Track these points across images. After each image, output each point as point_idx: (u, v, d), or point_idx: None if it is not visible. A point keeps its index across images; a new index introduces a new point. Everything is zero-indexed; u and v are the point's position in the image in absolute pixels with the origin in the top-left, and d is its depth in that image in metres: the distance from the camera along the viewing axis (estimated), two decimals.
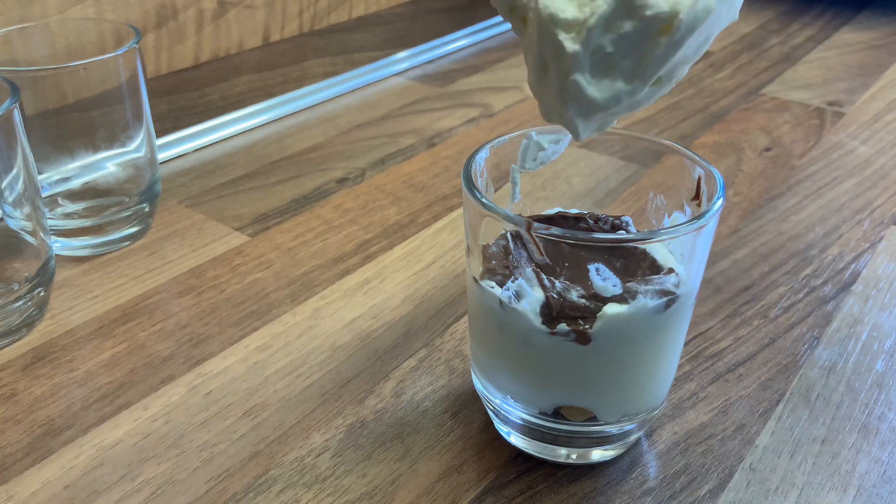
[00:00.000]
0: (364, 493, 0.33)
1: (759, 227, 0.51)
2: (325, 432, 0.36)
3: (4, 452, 0.35)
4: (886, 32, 0.87)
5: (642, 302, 0.29)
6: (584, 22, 0.25)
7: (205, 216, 0.52)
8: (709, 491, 0.33)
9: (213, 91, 0.71)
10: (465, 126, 0.65)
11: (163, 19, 0.73)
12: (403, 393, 0.38)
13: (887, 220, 0.52)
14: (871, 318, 0.43)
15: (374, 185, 0.56)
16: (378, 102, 0.70)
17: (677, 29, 0.25)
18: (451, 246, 0.49)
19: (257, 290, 0.45)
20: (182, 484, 0.33)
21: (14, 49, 0.47)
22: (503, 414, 0.34)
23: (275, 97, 0.69)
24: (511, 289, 0.30)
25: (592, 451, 0.34)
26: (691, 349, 0.40)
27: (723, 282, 0.45)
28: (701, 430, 0.36)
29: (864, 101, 0.70)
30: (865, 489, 0.33)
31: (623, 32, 0.25)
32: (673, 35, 0.25)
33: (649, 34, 0.25)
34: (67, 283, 0.45)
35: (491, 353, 0.33)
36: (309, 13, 0.86)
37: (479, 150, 0.33)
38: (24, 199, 0.40)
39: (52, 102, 0.45)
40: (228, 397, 0.38)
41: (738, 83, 0.74)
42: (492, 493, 0.33)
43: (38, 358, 0.40)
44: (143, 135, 0.48)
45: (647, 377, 0.32)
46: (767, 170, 0.58)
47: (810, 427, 0.36)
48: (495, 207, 0.29)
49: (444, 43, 0.82)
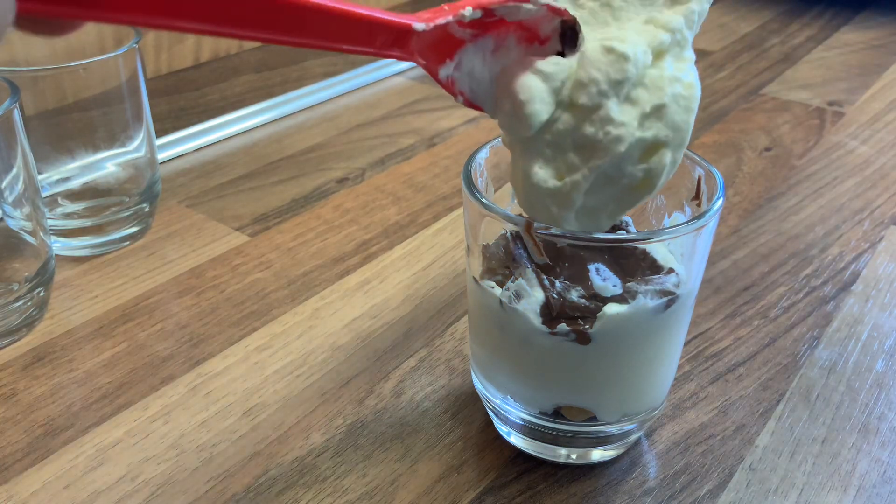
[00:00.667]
0: (364, 493, 0.33)
1: (759, 227, 0.51)
2: (325, 432, 0.36)
3: (4, 452, 0.35)
4: (886, 32, 0.87)
5: (642, 302, 0.29)
6: (568, 193, 0.28)
7: (205, 216, 0.52)
8: (709, 491, 0.33)
9: (212, 91, 0.71)
10: (465, 126, 0.65)
11: None
12: (403, 393, 0.38)
13: (887, 220, 0.52)
14: (871, 318, 0.43)
15: (374, 185, 0.56)
16: (378, 102, 0.70)
17: (654, 186, 0.28)
18: (451, 246, 0.49)
19: (257, 290, 0.45)
20: (182, 484, 0.33)
21: (14, 49, 0.47)
22: (503, 414, 0.34)
23: (275, 97, 0.69)
24: (511, 289, 0.30)
25: (592, 451, 0.34)
26: (691, 349, 0.40)
27: (723, 282, 0.45)
28: (701, 430, 0.36)
29: (864, 101, 0.70)
30: (865, 489, 0.33)
31: (604, 195, 0.28)
32: (652, 189, 0.28)
33: (628, 191, 0.28)
34: (67, 283, 0.45)
35: (491, 353, 0.33)
36: None
37: (479, 150, 0.33)
38: (24, 199, 0.40)
39: (52, 102, 0.45)
40: (228, 397, 0.38)
41: (738, 83, 0.74)
42: (492, 493, 0.33)
43: (38, 358, 0.40)
44: (143, 135, 0.48)
45: (647, 377, 0.32)
46: (767, 170, 0.58)
47: (810, 427, 0.36)
48: (495, 207, 0.29)
49: None
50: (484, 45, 0.29)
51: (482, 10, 0.27)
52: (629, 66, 0.27)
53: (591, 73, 0.27)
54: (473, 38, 0.28)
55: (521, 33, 0.29)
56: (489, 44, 0.29)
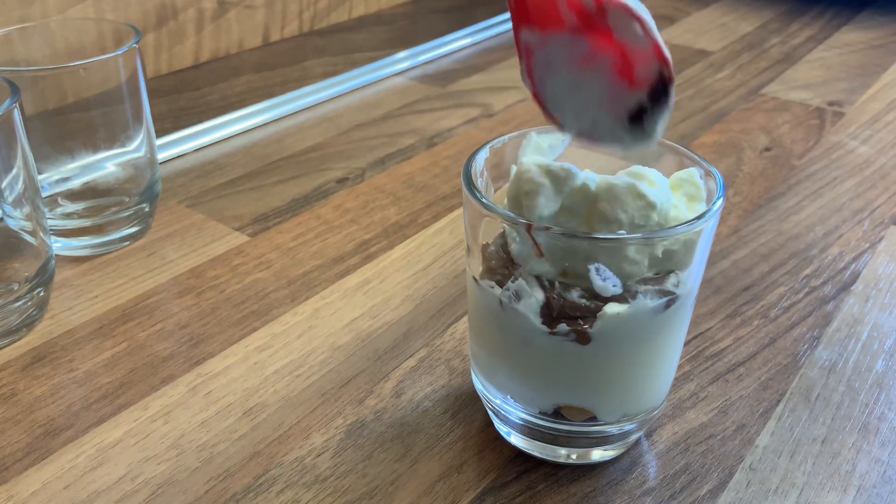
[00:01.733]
0: (364, 493, 0.33)
1: (759, 227, 0.51)
2: (325, 432, 0.36)
3: (4, 452, 0.35)
4: (886, 32, 0.87)
5: (642, 302, 0.29)
6: None
7: (205, 216, 0.52)
8: (709, 491, 0.33)
9: (213, 91, 0.71)
10: (465, 126, 0.65)
11: (163, 19, 0.73)
12: (403, 393, 0.38)
13: (887, 220, 0.52)
14: (871, 318, 0.43)
15: (374, 185, 0.56)
16: (378, 102, 0.70)
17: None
18: (451, 246, 0.49)
19: (257, 290, 0.45)
20: (182, 484, 0.33)
21: (14, 49, 0.47)
22: (503, 414, 0.34)
23: (275, 97, 0.69)
24: (511, 289, 0.30)
25: (592, 451, 0.34)
26: (691, 349, 0.40)
27: (723, 282, 0.45)
28: (701, 430, 0.36)
29: (864, 101, 0.70)
30: (865, 489, 0.33)
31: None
32: None
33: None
34: (67, 283, 0.45)
35: (491, 353, 0.33)
36: (309, 13, 0.86)
37: (479, 150, 0.33)
38: (24, 199, 0.40)
39: (52, 102, 0.45)
40: (228, 397, 0.38)
41: (738, 83, 0.74)
42: (492, 493, 0.33)
43: (38, 358, 0.40)
44: (143, 135, 0.48)
45: (647, 377, 0.32)
46: (767, 170, 0.58)
47: (810, 427, 0.36)
48: (495, 207, 0.29)
49: (444, 43, 0.82)
50: (578, 46, 0.27)
51: (598, 4, 0.26)
52: (654, 215, 0.28)
53: (617, 213, 0.28)
54: (573, 30, 0.27)
55: (618, 61, 0.27)
56: (583, 48, 0.27)
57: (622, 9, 0.26)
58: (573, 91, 0.28)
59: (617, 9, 0.26)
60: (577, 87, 0.28)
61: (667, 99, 0.27)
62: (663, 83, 0.27)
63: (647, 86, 0.27)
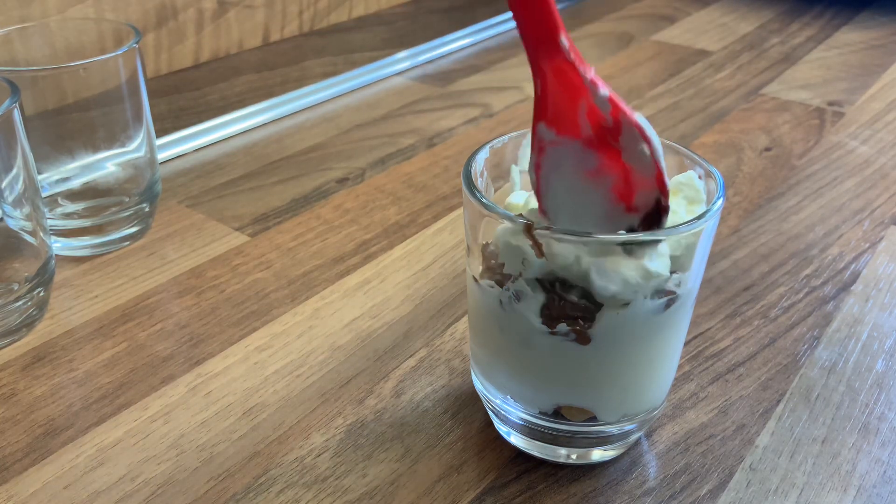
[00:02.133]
0: (364, 493, 0.33)
1: (759, 227, 0.51)
2: (325, 432, 0.36)
3: (4, 452, 0.35)
4: (886, 32, 0.87)
5: (642, 302, 0.29)
6: None
7: (205, 216, 0.52)
8: (709, 491, 0.33)
9: (213, 91, 0.71)
10: (465, 126, 0.65)
11: (163, 19, 0.73)
12: (403, 393, 0.38)
13: (887, 220, 0.52)
14: (871, 318, 0.43)
15: (374, 185, 0.56)
16: (378, 102, 0.70)
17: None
18: (451, 246, 0.49)
19: (257, 290, 0.45)
20: (182, 484, 0.33)
21: (14, 49, 0.47)
22: (503, 414, 0.34)
23: (275, 97, 0.69)
24: (511, 289, 0.30)
25: (592, 451, 0.34)
26: (691, 349, 0.40)
27: (723, 282, 0.45)
28: (701, 430, 0.36)
29: (864, 101, 0.70)
30: (865, 489, 0.33)
31: None
32: None
33: None
34: (67, 283, 0.45)
35: (491, 353, 0.33)
36: (309, 13, 0.86)
37: (479, 150, 0.33)
38: (24, 199, 0.40)
39: (52, 102, 0.45)
40: (228, 397, 0.38)
41: (738, 83, 0.74)
42: (492, 493, 0.33)
43: (38, 358, 0.40)
44: (143, 135, 0.48)
45: (647, 377, 0.32)
46: (767, 170, 0.58)
47: (810, 427, 0.36)
48: (495, 207, 0.29)
49: (444, 43, 0.82)
50: (588, 158, 0.28)
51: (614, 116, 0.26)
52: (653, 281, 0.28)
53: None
54: (586, 141, 0.28)
55: (621, 184, 0.28)
56: (592, 162, 0.28)
57: (636, 127, 0.27)
58: (573, 197, 0.29)
59: (631, 126, 0.27)
60: (577, 195, 0.29)
61: (659, 227, 0.29)
62: (658, 212, 0.28)
63: (642, 212, 0.29)
